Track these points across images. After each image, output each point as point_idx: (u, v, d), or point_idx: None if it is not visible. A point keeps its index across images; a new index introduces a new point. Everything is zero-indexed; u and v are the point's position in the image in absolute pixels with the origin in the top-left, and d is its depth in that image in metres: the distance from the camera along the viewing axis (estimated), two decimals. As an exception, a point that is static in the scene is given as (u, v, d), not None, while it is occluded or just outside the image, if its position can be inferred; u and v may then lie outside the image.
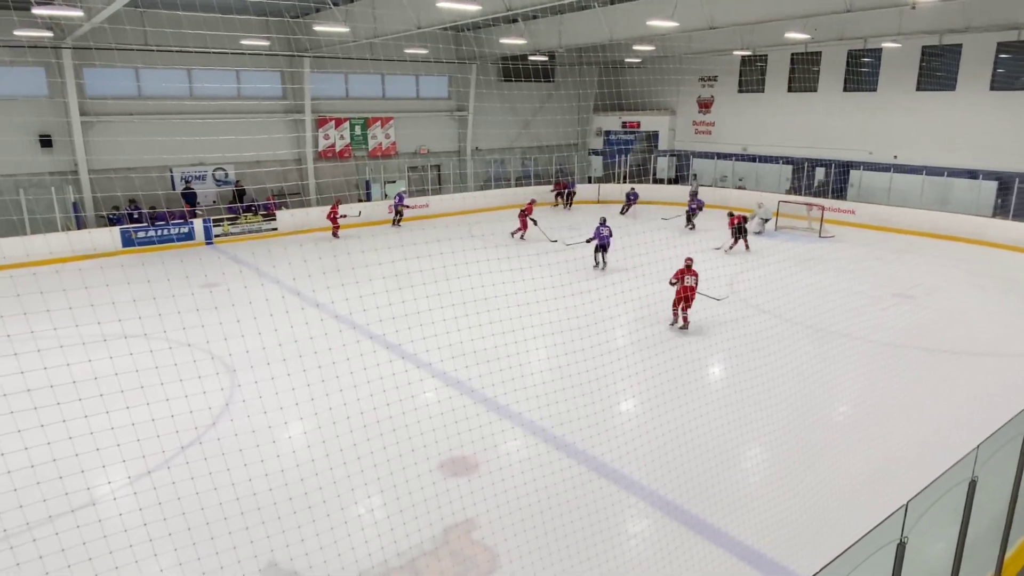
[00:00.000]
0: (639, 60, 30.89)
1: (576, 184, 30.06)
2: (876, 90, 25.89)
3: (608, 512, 7.43)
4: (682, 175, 32.27)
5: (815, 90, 27.73)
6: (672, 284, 13.23)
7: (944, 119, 24.06)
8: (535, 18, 23.58)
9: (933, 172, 24.26)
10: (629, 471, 8.23)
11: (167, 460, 8.26)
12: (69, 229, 20.25)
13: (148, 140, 21.93)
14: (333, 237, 22.63)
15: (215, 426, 9.25)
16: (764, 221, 23.42)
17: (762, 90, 29.71)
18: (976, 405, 10.13)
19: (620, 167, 32.15)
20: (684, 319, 13.24)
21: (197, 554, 6.21)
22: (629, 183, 29.87)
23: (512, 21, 23.83)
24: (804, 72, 27.94)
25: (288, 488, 7.40)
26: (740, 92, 30.61)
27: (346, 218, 22.80)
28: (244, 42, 22.04)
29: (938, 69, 24.23)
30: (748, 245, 20.81)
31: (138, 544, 6.15)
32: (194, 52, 21.65)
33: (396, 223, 25.00)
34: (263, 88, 24.82)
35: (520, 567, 6.52)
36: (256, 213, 23.21)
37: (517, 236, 22.63)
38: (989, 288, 16.54)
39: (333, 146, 26.81)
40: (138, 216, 21.63)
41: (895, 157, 25.46)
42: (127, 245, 20.47)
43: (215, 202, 24.12)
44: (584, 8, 21.92)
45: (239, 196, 24.16)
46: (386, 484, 7.72)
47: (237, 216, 22.79)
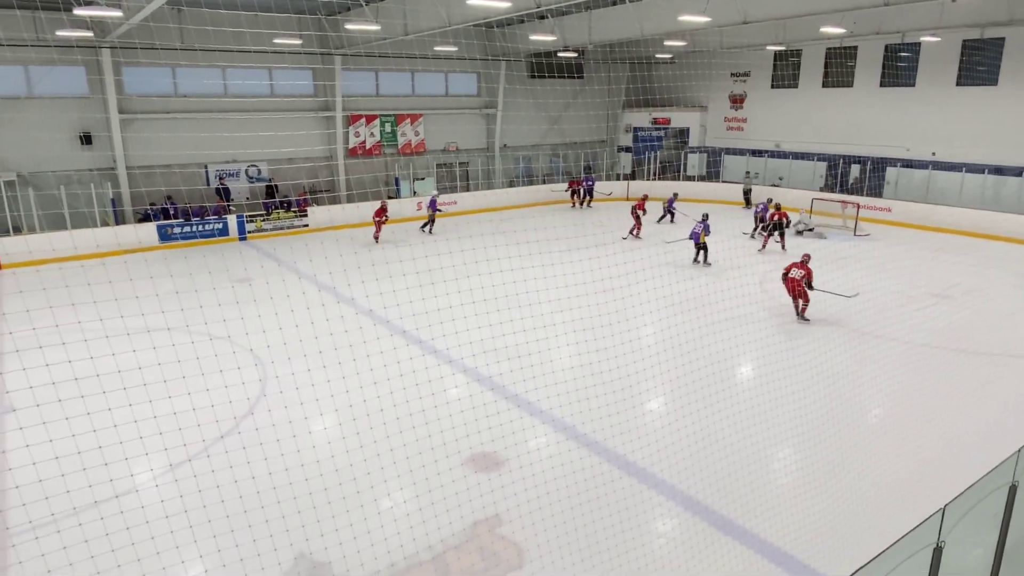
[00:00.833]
0: (670, 55, 30.60)
1: (594, 180, 29.33)
2: (914, 85, 25.30)
3: (635, 511, 7.43)
4: (712, 171, 31.90)
5: (851, 85, 27.20)
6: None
7: (985, 115, 23.41)
8: (565, 14, 23.50)
9: (973, 169, 23.65)
10: (656, 470, 8.21)
11: (206, 448, 8.47)
12: (108, 224, 20.81)
13: (184, 137, 22.39)
14: (373, 240, 21.68)
15: (252, 417, 9.46)
16: (807, 228, 23.06)
17: (796, 85, 29.24)
18: (1016, 409, 9.91)
19: (649, 164, 31.93)
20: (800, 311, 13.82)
21: (235, 540, 6.37)
22: (651, 180, 29.70)
23: (542, 17, 23.81)
24: (839, 67, 27.41)
25: (323, 479, 7.54)
26: (773, 88, 30.16)
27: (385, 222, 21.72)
28: (277, 41, 22.37)
29: (980, 63, 23.59)
30: (784, 245, 20.37)
31: (178, 530, 6.33)
32: (228, 51, 22.04)
33: (428, 230, 23.24)
34: (295, 86, 25.17)
35: (547, 563, 6.57)
36: (288, 209, 23.57)
37: (632, 235, 21.98)
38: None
39: (363, 143, 27.08)
40: (174, 212, 22.12)
41: (933, 154, 24.87)
42: (164, 240, 20.96)
43: (248, 199, 24.54)
44: (615, 3, 21.80)
45: (272, 193, 24.57)
46: (416, 478, 7.82)
47: (270, 212, 23.16)
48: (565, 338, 11.88)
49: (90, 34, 18.71)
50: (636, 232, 22.02)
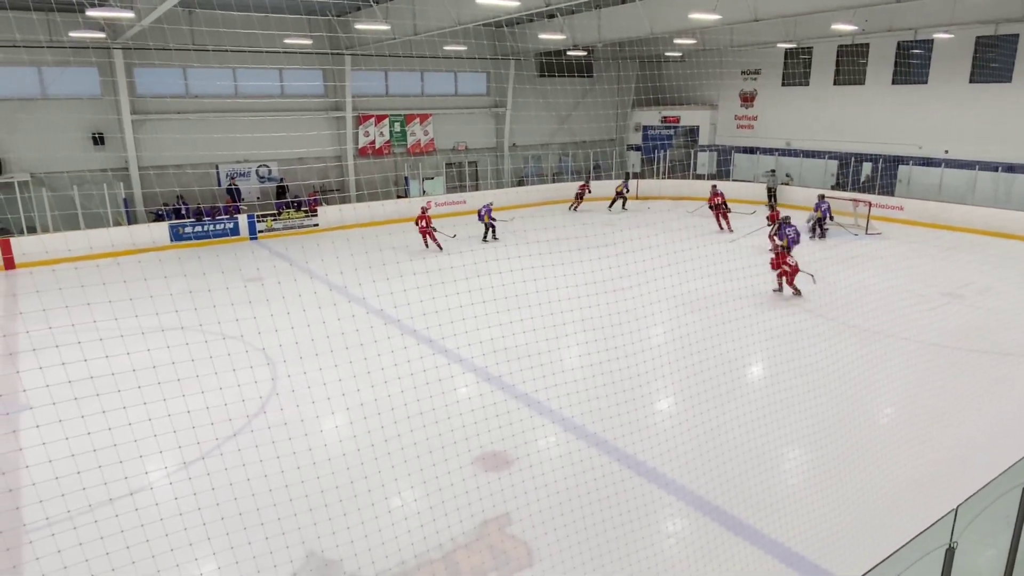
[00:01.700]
0: (680, 54, 30.49)
1: (629, 186, 28.53)
2: (927, 83, 25.09)
3: (644, 510, 7.43)
4: (723, 169, 31.78)
5: (862, 83, 27.01)
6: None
7: (999, 112, 23.18)
8: (574, 13, 23.49)
9: (986, 167, 23.45)
10: (666, 470, 8.21)
11: (218, 446, 8.55)
12: (120, 224, 20.99)
13: (195, 138, 22.56)
14: (438, 249, 20.00)
15: (263, 415, 9.53)
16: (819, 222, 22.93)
17: (807, 83, 29.07)
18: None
19: (659, 163, 31.85)
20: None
21: (247, 538, 6.43)
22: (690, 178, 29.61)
23: (551, 16, 23.80)
24: (851, 64, 27.22)
25: (332, 477, 7.59)
26: (784, 85, 29.99)
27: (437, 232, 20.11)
28: (287, 41, 22.48)
29: (993, 60, 23.36)
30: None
31: (191, 527, 6.40)
32: (239, 52, 22.18)
33: (492, 235, 21.88)
34: (305, 86, 25.30)
35: (556, 562, 6.58)
36: (298, 209, 23.70)
37: (726, 230, 22.30)
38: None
39: (373, 143, 27.16)
40: (185, 212, 22.28)
41: (946, 152, 24.66)
42: (176, 240, 21.13)
43: (258, 199, 24.69)
44: (624, 2, 21.76)
45: (282, 193, 24.70)
46: (425, 477, 7.86)
47: (280, 212, 23.29)
48: (574, 337, 11.88)
49: (103, 35, 18.87)
50: (725, 225, 22.30)
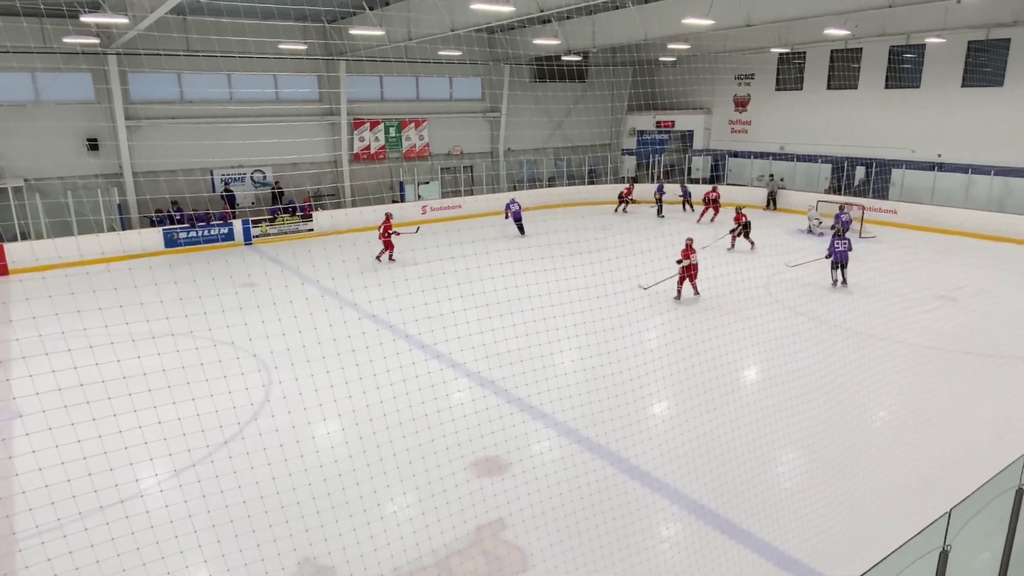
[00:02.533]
0: (674, 59, 30.62)
1: (665, 190, 27.84)
2: (919, 87, 25.21)
3: (639, 514, 7.41)
4: (717, 175, 31.86)
5: (855, 87, 27.14)
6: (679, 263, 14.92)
7: (991, 116, 23.31)
8: (568, 18, 23.57)
9: (979, 171, 23.55)
10: (661, 474, 8.19)
11: (210, 454, 8.50)
12: (114, 230, 20.92)
13: (190, 143, 22.55)
14: (389, 261, 19.35)
15: (255, 422, 9.48)
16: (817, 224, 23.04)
17: (800, 88, 29.19)
18: (1023, 412, 9.83)
19: (654, 167, 31.92)
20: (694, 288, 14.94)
21: (239, 545, 6.39)
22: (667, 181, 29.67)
23: (545, 22, 23.86)
24: (844, 69, 27.36)
25: (326, 484, 7.55)
26: (777, 90, 30.12)
27: (399, 235, 19.81)
28: (282, 47, 22.49)
29: (985, 64, 23.49)
30: (752, 243, 20.57)
31: (182, 535, 6.35)
32: (233, 57, 22.17)
33: (520, 230, 23.10)
34: (300, 91, 25.32)
35: (551, 567, 6.55)
36: (293, 214, 23.66)
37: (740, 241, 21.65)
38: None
39: (368, 148, 27.17)
40: (180, 217, 22.22)
41: (939, 155, 24.77)
42: (170, 246, 21.07)
43: (253, 203, 24.65)
44: (618, 7, 21.83)
45: (277, 198, 24.67)
46: (419, 482, 7.82)
47: (275, 217, 23.26)
48: (569, 342, 11.87)
49: (96, 41, 18.84)
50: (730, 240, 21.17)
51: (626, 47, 28.12)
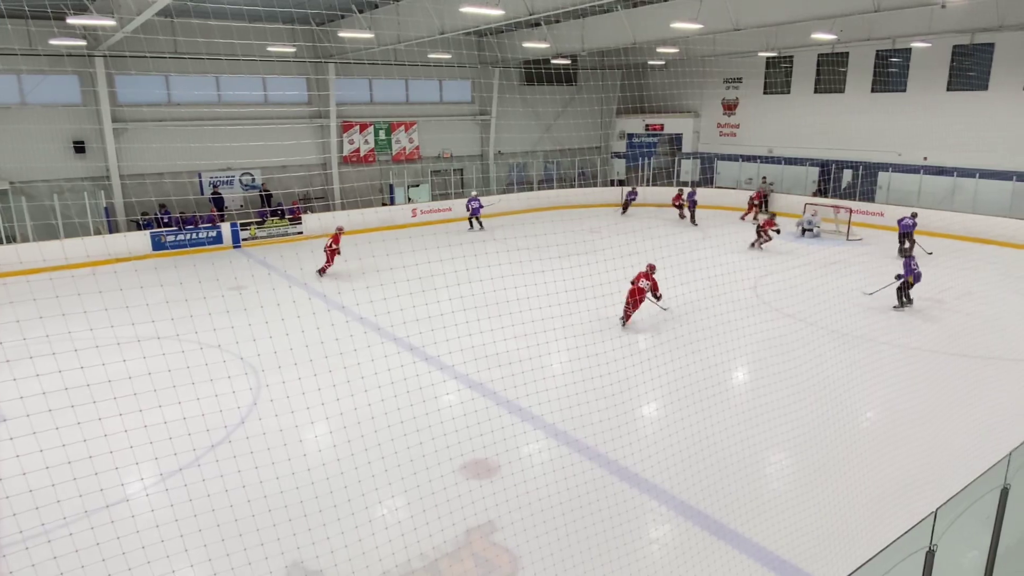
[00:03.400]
0: (663, 62, 30.75)
1: (696, 192, 26.29)
2: (905, 91, 25.45)
3: (629, 516, 7.42)
4: (706, 176, 32.00)
5: (842, 91, 27.36)
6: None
7: (976, 120, 23.56)
8: (558, 22, 23.61)
9: (964, 174, 23.79)
10: (650, 475, 8.21)
11: (197, 458, 8.43)
12: (101, 233, 20.75)
13: (177, 146, 22.38)
14: (319, 274, 18.18)
15: (243, 426, 9.42)
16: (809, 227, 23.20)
17: (788, 91, 29.39)
18: (1008, 412, 9.93)
19: (643, 170, 32.02)
20: (627, 318, 13.82)
21: (226, 549, 6.33)
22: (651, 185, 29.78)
23: (535, 25, 23.90)
24: (831, 73, 27.58)
25: (314, 488, 7.51)
26: (765, 94, 30.31)
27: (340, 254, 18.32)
28: (271, 49, 22.41)
29: (970, 68, 23.76)
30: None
31: (169, 539, 6.29)
32: (222, 59, 22.06)
33: (477, 224, 25.12)
34: (289, 94, 25.21)
35: (542, 570, 6.54)
36: (282, 217, 23.55)
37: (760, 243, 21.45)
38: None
39: (357, 151, 27.10)
40: (168, 220, 22.06)
41: (925, 159, 25.01)
42: (157, 249, 20.92)
43: (242, 206, 24.51)
44: (607, 11, 21.91)
45: (266, 200, 24.55)
46: (408, 485, 7.79)
47: (264, 220, 23.14)
48: (558, 344, 11.87)
49: (83, 43, 18.70)
50: (760, 244, 21.35)
51: (615, 51, 28.22)
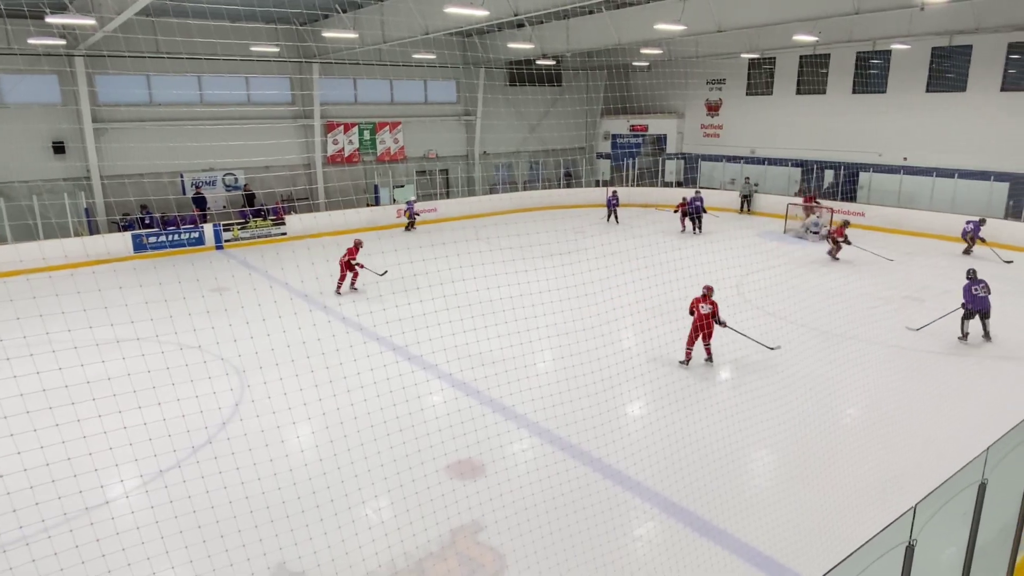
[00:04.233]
0: (647, 64, 30.90)
1: (703, 199, 25.01)
2: (885, 92, 25.78)
3: (614, 514, 7.44)
4: (690, 177, 32.21)
5: (824, 92, 27.65)
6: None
7: (954, 120, 23.91)
8: (542, 23, 23.65)
9: (943, 174, 24.13)
10: (635, 473, 8.23)
11: (179, 460, 8.34)
12: (81, 234, 20.48)
13: (159, 146, 22.16)
14: (351, 289, 15.97)
15: (225, 427, 9.33)
16: (812, 229, 23.27)
17: (770, 92, 29.65)
18: (987, 409, 10.06)
19: (628, 170, 32.17)
20: (707, 351, 11.91)
21: (207, 551, 6.27)
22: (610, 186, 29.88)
23: (519, 26, 23.93)
24: (813, 74, 27.86)
25: (296, 488, 7.45)
26: (748, 95, 30.55)
27: (364, 268, 16.19)
28: (254, 49, 22.24)
29: (948, 70, 24.11)
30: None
31: (150, 542, 6.22)
32: (204, 59, 21.87)
33: (410, 227, 25.44)
34: (272, 94, 25.04)
35: (526, 568, 6.54)
36: (265, 218, 23.38)
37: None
38: (1004, 291, 16.35)
39: (342, 151, 26.98)
40: (149, 221, 21.84)
41: (905, 159, 25.33)
42: (139, 250, 20.68)
43: (225, 207, 24.31)
44: (591, 12, 21.99)
45: (249, 201, 24.36)
46: (393, 485, 7.76)
47: (247, 221, 22.95)
48: (543, 343, 11.89)
49: (62, 42, 18.46)
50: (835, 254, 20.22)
51: (600, 51, 28.32)
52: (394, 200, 27.49)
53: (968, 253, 20.25)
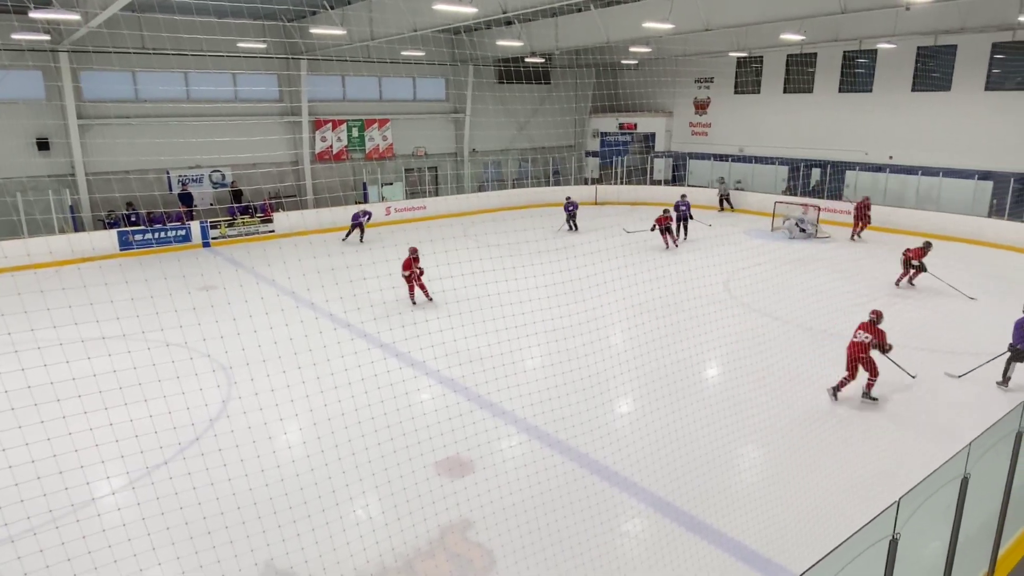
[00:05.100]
0: (635, 62, 30.98)
1: (689, 204, 23.01)
2: (871, 91, 25.98)
3: (603, 510, 7.47)
4: (678, 175, 32.33)
5: (811, 91, 27.83)
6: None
7: (939, 119, 24.15)
8: (531, 20, 23.67)
9: (928, 172, 24.35)
10: (623, 469, 8.27)
11: (166, 458, 8.29)
12: (66, 231, 20.28)
13: (145, 143, 21.99)
14: (427, 299, 13.88)
15: (212, 425, 9.28)
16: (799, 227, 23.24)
17: (758, 91, 29.81)
18: (972, 405, 10.17)
19: (616, 168, 32.25)
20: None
21: (195, 548, 6.25)
22: (568, 187, 29.90)
23: (508, 23, 23.92)
24: (800, 73, 28.03)
25: (284, 487, 7.43)
26: (736, 93, 30.70)
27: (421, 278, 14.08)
28: (240, 45, 22.09)
29: (933, 70, 24.33)
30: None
31: (137, 539, 6.19)
32: (191, 55, 21.70)
33: (348, 237, 22.60)
34: (260, 91, 24.90)
35: (515, 565, 6.56)
36: (253, 215, 23.24)
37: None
38: (988, 288, 16.55)
39: (330, 148, 26.86)
40: (135, 219, 21.64)
41: (890, 158, 25.55)
42: (124, 248, 20.50)
43: (212, 204, 24.14)
44: (580, 10, 22.01)
45: (236, 198, 24.20)
46: (381, 484, 7.75)
47: (234, 218, 22.81)
48: (532, 340, 11.89)
49: (47, 38, 18.25)
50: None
51: (589, 49, 28.37)
52: (383, 198, 27.39)
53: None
